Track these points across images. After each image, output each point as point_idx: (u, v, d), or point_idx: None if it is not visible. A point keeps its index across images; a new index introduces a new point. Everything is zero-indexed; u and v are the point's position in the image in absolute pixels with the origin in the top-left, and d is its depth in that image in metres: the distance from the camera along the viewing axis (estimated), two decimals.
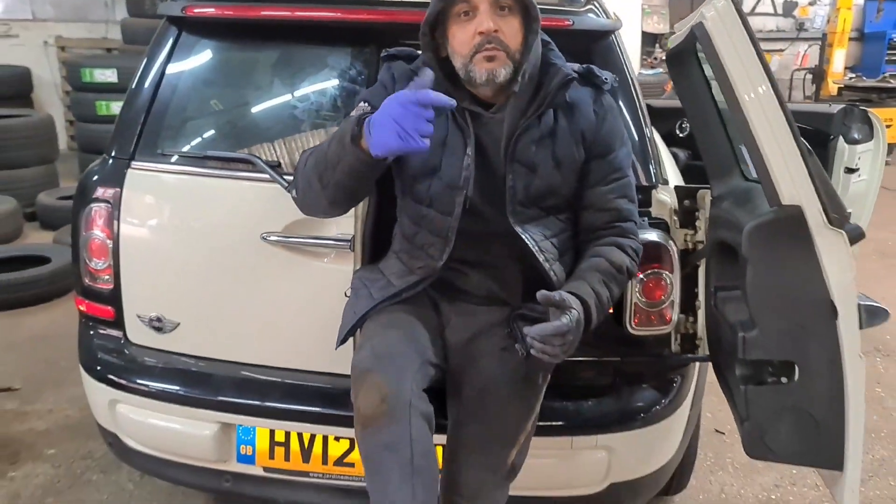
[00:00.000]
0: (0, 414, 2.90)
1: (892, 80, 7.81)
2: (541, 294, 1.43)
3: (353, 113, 1.55)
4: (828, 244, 1.21)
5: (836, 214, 1.21)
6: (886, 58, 8.65)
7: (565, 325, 1.39)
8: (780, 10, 9.76)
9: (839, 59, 8.08)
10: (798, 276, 1.23)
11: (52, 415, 2.92)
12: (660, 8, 8.77)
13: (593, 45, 1.87)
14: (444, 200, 1.60)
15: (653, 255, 1.79)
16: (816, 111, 3.45)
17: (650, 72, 7.43)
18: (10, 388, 3.09)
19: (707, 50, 1.30)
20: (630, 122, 1.87)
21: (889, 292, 4.32)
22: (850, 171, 3.37)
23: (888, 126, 7.54)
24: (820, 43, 8.26)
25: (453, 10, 1.52)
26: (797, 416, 1.28)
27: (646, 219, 1.83)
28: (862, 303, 1.28)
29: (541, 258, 1.60)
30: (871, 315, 1.26)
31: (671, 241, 1.81)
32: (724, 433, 2.84)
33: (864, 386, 1.31)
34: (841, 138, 3.32)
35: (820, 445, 1.28)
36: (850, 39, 8.91)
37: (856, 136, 3.37)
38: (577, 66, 1.65)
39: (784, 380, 1.30)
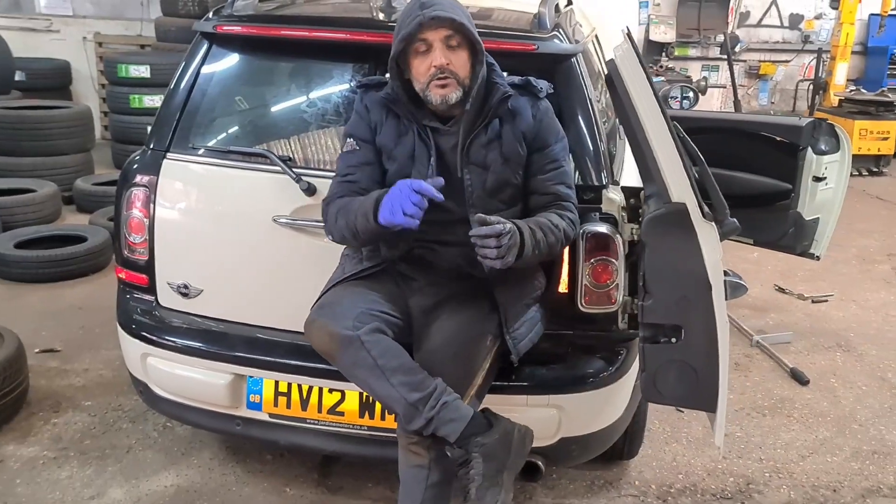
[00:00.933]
0: (44, 371, 3.29)
1: (889, 94, 8.03)
2: (477, 216, 1.80)
3: (344, 149, 2.01)
4: (704, 233, 1.54)
5: (711, 212, 1.54)
6: (888, 72, 8.86)
7: (499, 228, 1.75)
8: (786, 23, 9.99)
9: (841, 72, 8.29)
10: (682, 257, 1.56)
11: (88, 373, 3.31)
12: (667, 18, 9.06)
13: (556, 67, 2.19)
14: None
15: (602, 245, 2.11)
16: (787, 124, 3.72)
17: (655, 80, 7.69)
18: (53, 349, 3.49)
19: (616, 79, 1.64)
20: (584, 132, 2.18)
21: (860, 294, 4.62)
22: (817, 179, 3.67)
23: (885, 139, 7.79)
24: (816, 56, 8.49)
25: (413, 47, 1.89)
26: (681, 367, 1.61)
27: (597, 214, 2.15)
28: (728, 279, 1.61)
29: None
30: (733, 289, 1.60)
31: (618, 234, 2.12)
32: (682, 412, 3.14)
33: (728, 344, 1.63)
34: (809, 149, 3.62)
35: (698, 391, 1.62)
36: (855, 53, 9.11)
37: (823, 147, 3.67)
38: (516, 78, 2.01)
39: (674, 340, 1.64)
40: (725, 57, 8.02)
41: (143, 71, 6.45)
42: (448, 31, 1.88)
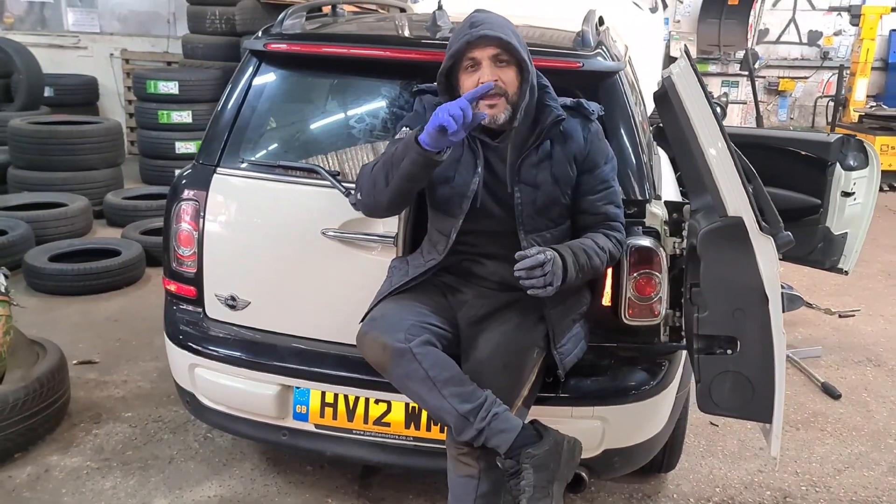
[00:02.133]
0: (83, 382, 3.34)
1: None
2: (517, 254, 1.86)
3: (397, 136, 2.00)
4: (761, 246, 1.57)
5: (768, 225, 1.57)
6: None
7: (540, 258, 1.82)
8: (805, 39, 10.04)
9: (861, 88, 8.31)
10: (738, 270, 1.59)
11: (126, 385, 3.35)
12: (688, 34, 9.14)
13: (600, 84, 2.23)
14: (453, 204, 2.02)
15: (645, 258, 2.14)
16: (816, 140, 3.76)
17: None
18: (91, 360, 3.54)
19: (672, 95, 1.68)
20: (628, 147, 2.22)
21: (887, 309, 4.62)
22: (846, 194, 3.70)
23: None
24: (837, 72, 8.52)
25: (462, 64, 1.94)
26: (736, 378, 1.63)
27: (640, 227, 2.18)
28: (785, 291, 1.63)
29: None
30: (790, 301, 1.62)
31: (661, 247, 2.16)
32: (717, 425, 3.16)
33: (785, 356, 1.65)
34: (838, 165, 3.65)
35: (754, 402, 1.64)
36: (875, 69, 9.12)
37: (852, 163, 3.70)
38: (568, 100, 2.06)
39: (729, 352, 1.67)
40: (745, 73, 8.04)
41: (171, 87, 6.55)
42: (496, 49, 1.92)
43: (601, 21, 2.72)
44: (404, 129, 2.06)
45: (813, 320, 4.39)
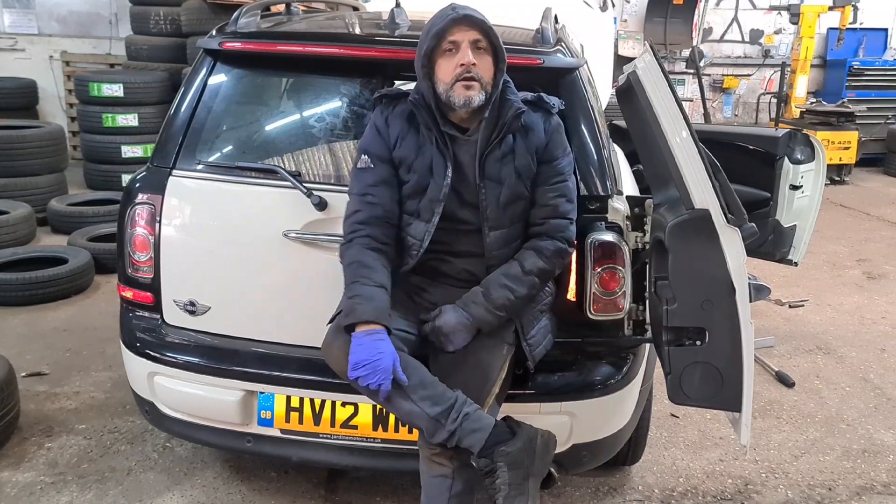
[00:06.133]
0: (33, 395, 3.22)
1: (849, 105, 8.32)
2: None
3: (358, 165, 2.02)
4: (728, 238, 1.60)
5: (734, 217, 1.60)
6: (847, 83, 9.17)
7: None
8: (747, 38, 10.35)
9: (802, 85, 8.58)
10: (706, 261, 1.62)
11: (79, 396, 3.24)
12: (635, 34, 9.33)
13: (560, 80, 2.24)
14: (426, 210, 2.01)
15: (608, 253, 2.16)
16: (764, 135, 3.84)
17: None
18: (40, 372, 3.41)
19: (637, 89, 1.69)
20: (589, 143, 2.23)
21: (834, 298, 4.76)
22: (794, 187, 3.79)
23: (846, 149, 8.04)
24: (779, 70, 8.80)
25: (441, 46, 1.92)
26: (706, 369, 1.66)
27: (602, 223, 2.20)
28: (751, 282, 1.66)
29: (487, 263, 2.03)
30: (757, 291, 1.65)
31: (624, 242, 2.18)
32: (678, 417, 3.21)
33: (753, 347, 1.68)
34: (786, 159, 3.74)
35: (723, 392, 1.67)
36: (814, 66, 9.43)
37: (799, 157, 3.79)
38: (529, 95, 2.05)
39: (698, 343, 1.69)
40: (692, 71, 8.22)
41: (116, 90, 6.34)
42: (477, 34, 1.92)
43: (556, 19, 2.74)
44: (364, 157, 2.03)
45: (765, 311, 4.50)
